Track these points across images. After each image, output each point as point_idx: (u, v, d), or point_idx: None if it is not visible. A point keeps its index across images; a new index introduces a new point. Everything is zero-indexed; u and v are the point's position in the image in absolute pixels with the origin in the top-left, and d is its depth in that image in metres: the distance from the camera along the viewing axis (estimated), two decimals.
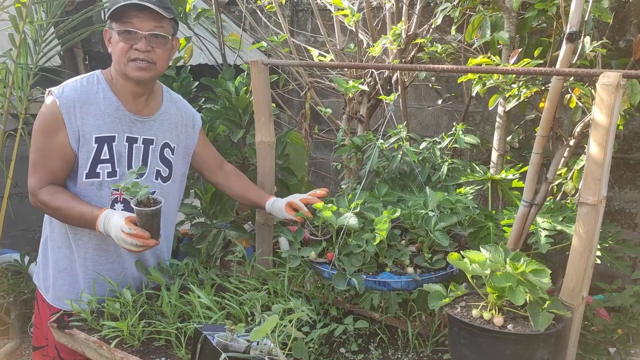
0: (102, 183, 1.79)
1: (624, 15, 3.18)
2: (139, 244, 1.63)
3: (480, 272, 1.42)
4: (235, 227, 2.38)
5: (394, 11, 3.09)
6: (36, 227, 3.82)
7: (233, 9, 4.78)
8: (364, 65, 2.72)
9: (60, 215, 1.76)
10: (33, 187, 1.76)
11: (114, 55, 1.76)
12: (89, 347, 1.62)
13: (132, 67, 1.74)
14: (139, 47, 1.72)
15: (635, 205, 3.35)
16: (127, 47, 1.72)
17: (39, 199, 1.75)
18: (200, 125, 2.03)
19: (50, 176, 1.75)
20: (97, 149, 1.76)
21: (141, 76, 1.75)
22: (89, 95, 1.77)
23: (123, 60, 1.73)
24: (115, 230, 1.65)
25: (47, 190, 1.74)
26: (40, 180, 1.75)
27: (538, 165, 1.83)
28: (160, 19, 1.73)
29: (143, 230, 1.63)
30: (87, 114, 1.75)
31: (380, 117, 3.55)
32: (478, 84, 2.13)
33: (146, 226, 1.64)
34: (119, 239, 1.65)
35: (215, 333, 1.39)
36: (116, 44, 1.73)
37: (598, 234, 1.44)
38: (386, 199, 1.97)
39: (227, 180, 2.07)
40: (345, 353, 1.64)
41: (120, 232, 1.63)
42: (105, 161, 1.78)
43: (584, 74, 1.59)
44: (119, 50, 1.73)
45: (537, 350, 1.37)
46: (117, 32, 1.71)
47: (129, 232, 1.62)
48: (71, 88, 1.76)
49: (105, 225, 1.68)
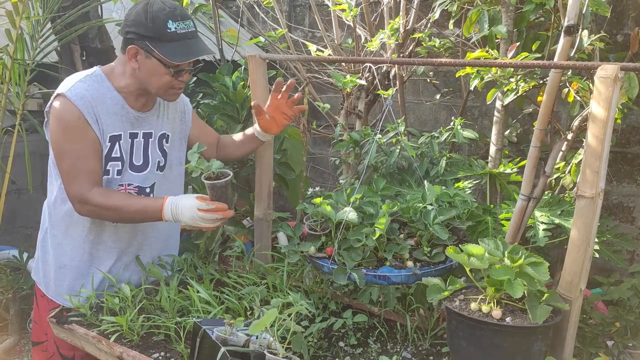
0: (111, 180, 1.79)
1: (622, 9, 3.18)
2: (219, 217, 1.69)
3: (478, 265, 1.42)
4: (234, 222, 2.38)
5: (392, 6, 3.09)
6: (34, 224, 3.79)
7: (230, 4, 4.77)
8: (361, 60, 2.72)
9: (120, 214, 1.73)
10: (80, 194, 1.71)
11: (153, 80, 1.73)
12: (88, 342, 1.62)
13: (171, 93, 1.79)
14: (184, 79, 1.77)
15: (633, 199, 3.36)
16: (174, 80, 1.75)
17: (93, 204, 1.71)
18: (190, 108, 2.05)
19: (93, 176, 1.73)
20: (109, 147, 1.77)
21: (175, 99, 1.85)
22: (99, 93, 1.75)
23: (164, 88, 1.76)
24: (190, 211, 1.68)
25: (98, 192, 1.71)
26: (85, 183, 1.71)
27: (536, 159, 1.84)
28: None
29: (220, 202, 1.68)
30: (101, 112, 1.74)
31: (378, 112, 3.55)
32: (476, 78, 2.13)
33: (221, 199, 1.70)
34: (195, 219, 1.68)
35: (215, 327, 1.39)
36: (161, 74, 1.72)
37: (596, 226, 1.44)
38: (384, 193, 1.97)
39: (224, 150, 2.09)
40: (344, 347, 1.64)
41: (197, 212, 1.67)
42: (115, 159, 1.79)
43: (582, 66, 1.60)
44: (164, 81, 1.73)
45: (535, 342, 1.38)
46: (166, 64, 1.69)
47: (207, 209, 1.66)
48: (82, 87, 1.73)
49: (174, 212, 1.70)
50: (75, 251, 1.84)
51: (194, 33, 1.73)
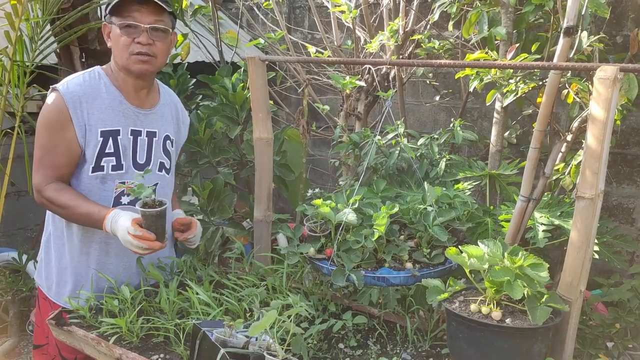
0: (106, 177, 1.79)
1: (621, 10, 3.19)
2: (145, 247, 1.64)
3: (478, 266, 1.42)
4: (234, 224, 2.38)
5: (391, 7, 3.09)
6: (33, 226, 3.81)
7: (230, 6, 4.77)
8: (361, 61, 2.72)
9: (66, 213, 1.75)
10: (38, 184, 1.75)
11: (115, 50, 1.76)
12: (88, 343, 1.62)
13: (133, 60, 1.74)
14: (141, 40, 1.72)
15: (633, 201, 3.36)
16: (129, 40, 1.72)
17: (44, 196, 1.74)
18: (188, 122, 2.07)
19: (56, 172, 1.75)
20: (102, 142, 1.77)
21: (143, 69, 1.76)
22: (93, 89, 1.77)
23: (125, 55, 1.73)
24: (122, 231, 1.65)
25: (53, 187, 1.74)
26: (46, 176, 1.74)
27: (536, 160, 1.84)
28: (160, 12, 1.74)
29: (149, 232, 1.63)
30: (92, 108, 1.75)
31: (377, 113, 3.55)
32: (475, 80, 2.13)
33: (151, 228, 1.64)
34: (125, 241, 1.65)
35: (214, 329, 1.39)
36: (117, 38, 1.73)
37: (596, 228, 1.44)
38: (384, 194, 1.97)
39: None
40: (344, 348, 1.64)
41: (126, 234, 1.63)
42: (109, 155, 1.78)
43: (581, 68, 1.59)
44: (120, 44, 1.73)
45: (535, 344, 1.38)
46: (118, 25, 1.71)
47: (134, 234, 1.62)
48: (75, 83, 1.76)
49: (112, 226, 1.68)
50: (76, 252, 1.84)
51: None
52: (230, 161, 2.59)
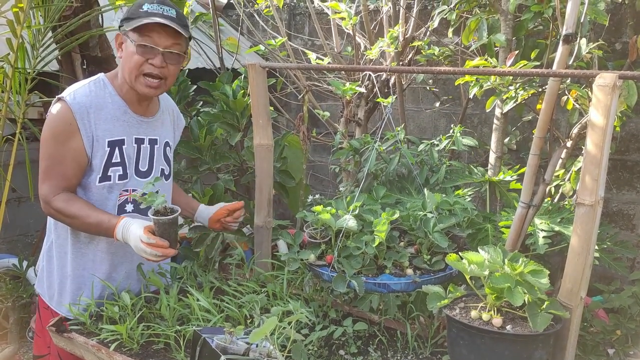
0: (113, 186, 1.79)
1: (620, 17, 3.20)
2: (159, 254, 1.63)
3: (478, 273, 1.42)
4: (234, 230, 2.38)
5: (391, 14, 3.11)
6: (34, 232, 3.81)
7: (230, 13, 4.79)
8: (361, 68, 2.73)
9: (76, 223, 1.74)
10: (46, 195, 1.73)
11: (125, 64, 1.74)
12: (88, 350, 1.62)
13: (142, 82, 1.73)
14: (155, 63, 1.71)
15: (633, 207, 3.36)
16: (142, 60, 1.71)
17: (53, 207, 1.73)
18: (183, 126, 2.08)
19: (64, 182, 1.74)
20: (109, 152, 1.77)
21: (149, 93, 1.76)
22: (99, 100, 1.76)
23: (135, 72, 1.72)
24: (134, 240, 1.65)
25: (62, 198, 1.72)
26: (54, 187, 1.73)
27: (535, 166, 1.84)
28: (178, 36, 1.73)
29: (162, 239, 1.63)
30: (99, 118, 1.75)
31: (377, 119, 3.56)
32: (475, 86, 2.14)
33: (164, 235, 1.64)
34: (138, 249, 1.65)
35: (214, 336, 1.39)
36: (131, 54, 1.71)
37: (596, 234, 1.44)
38: (384, 201, 1.97)
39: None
40: (344, 355, 1.64)
41: (139, 242, 1.63)
42: (116, 164, 1.78)
43: (580, 75, 1.60)
44: (133, 62, 1.71)
45: (535, 350, 1.37)
46: (135, 43, 1.69)
47: (148, 242, 1.62)
48: (82, 94, 1.74)
49: (124, 234, 1.68)
50: (78, 260, 1.84)
51: (170, 17, 1.69)
52: (231, 167, 2.60)
